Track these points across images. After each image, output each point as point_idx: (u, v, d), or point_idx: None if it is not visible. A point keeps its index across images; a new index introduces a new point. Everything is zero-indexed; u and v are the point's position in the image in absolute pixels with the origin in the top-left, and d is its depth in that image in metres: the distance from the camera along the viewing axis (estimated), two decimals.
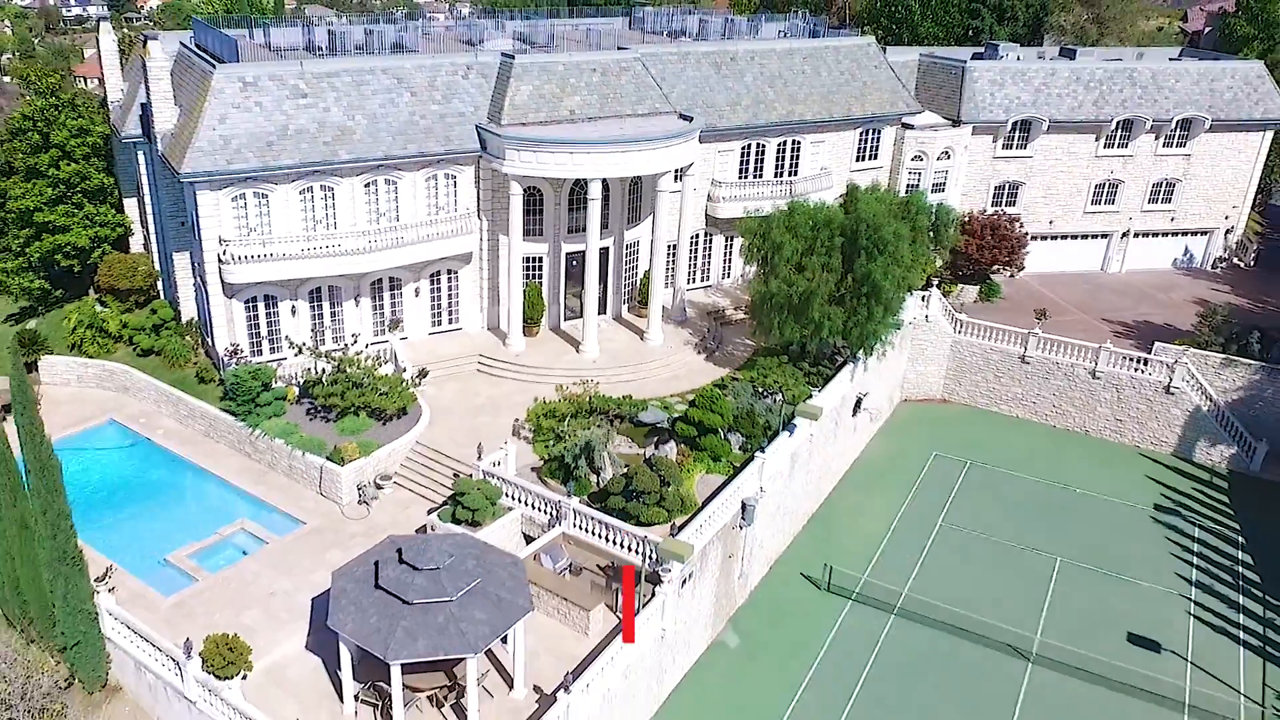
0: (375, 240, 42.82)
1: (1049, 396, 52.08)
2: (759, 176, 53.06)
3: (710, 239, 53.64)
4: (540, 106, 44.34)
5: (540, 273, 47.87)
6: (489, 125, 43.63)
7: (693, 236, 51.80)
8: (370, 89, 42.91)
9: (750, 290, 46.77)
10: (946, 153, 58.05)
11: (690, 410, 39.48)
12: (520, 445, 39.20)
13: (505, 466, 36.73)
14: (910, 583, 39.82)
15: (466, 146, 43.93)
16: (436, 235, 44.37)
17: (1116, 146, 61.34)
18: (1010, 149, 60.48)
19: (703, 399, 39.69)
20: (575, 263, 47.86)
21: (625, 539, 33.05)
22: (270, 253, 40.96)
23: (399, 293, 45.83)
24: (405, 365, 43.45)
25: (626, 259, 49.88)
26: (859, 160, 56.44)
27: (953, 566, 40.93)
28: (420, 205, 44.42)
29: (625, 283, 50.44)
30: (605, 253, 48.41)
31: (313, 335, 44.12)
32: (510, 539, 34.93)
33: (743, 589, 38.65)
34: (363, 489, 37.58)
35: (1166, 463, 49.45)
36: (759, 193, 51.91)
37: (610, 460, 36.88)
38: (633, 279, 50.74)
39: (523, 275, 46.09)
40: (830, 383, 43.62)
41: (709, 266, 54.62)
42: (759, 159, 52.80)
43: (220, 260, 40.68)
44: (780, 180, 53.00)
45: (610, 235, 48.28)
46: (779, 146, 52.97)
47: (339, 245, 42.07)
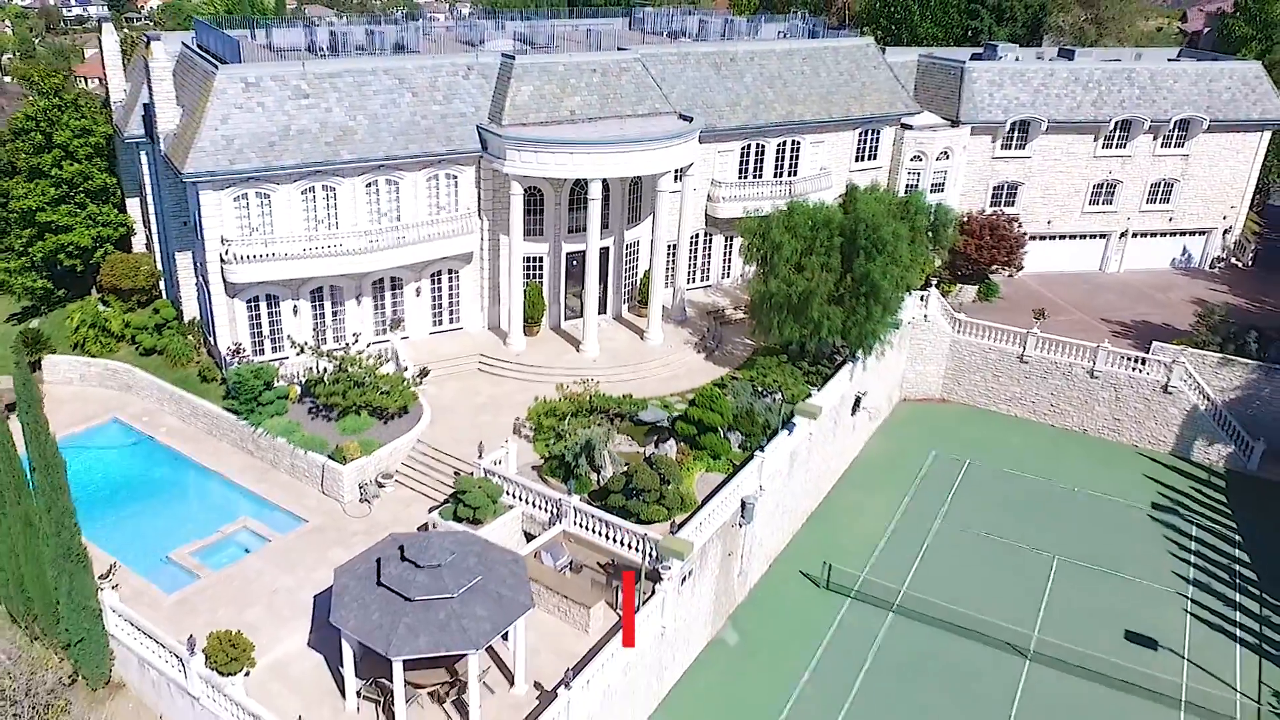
0: (377, 240, 43.04)
1: (1047, 396, 52.27)
2: (758, 176, 53.25)
3: (710, 239, 53.85)
4: (541, 107, 44.54)
5: (541, 272, 48.08)
6: (490, 125, 43.83)
7: (692, 236, 52.00)
8: (372, 89, 43.13)
9: (750, 290, 46.97)
10: (945, 153, 58.24)
11: (690, 409, 39.70)
12: (521, 444, 39.41)
13: (506, 465, 36.94)
14: (909, 581, 40.02)
15: (467, 147, 44.14)
16: (437, 235, 44.58)
17: (1115, 147, 61.55)
18: (1009, 149, 60.67)
19: (702, 398, 39.92)
20: (575, 262, 48.06)
21: (625, 537, 33.27)
22: (272, 252, 41.18)
23: (400, 292, 46.04)
24: (406, 364, 43.66)
25: (626, 259, 50.09)
26: (858, 160, 56.63)
27: (951, 565, 41.13)
28: (421, 205, 44.63)
29: (625, 282, 50.64)
30: (605, 252, 48.62)
31: (314, 334, 44.31)
32: (511, 537, 35.13)
33: (742, 587, 38.84)
34: (364, 487, 37.78)
35: (1164, 462, 49.65)
36: (758, 193, 52.09)
37: (610, 459, 37.07)
38: (633, 279, 50.94)
39: (523, 275, 46.29)
40: (829, 382, 43.81)
41: (709, 266, 54.83)
42: (758, 159, 53.00)
43: (222, 260, 40.89)
44: (780, 180, 53.19)
45: (610, 235, 48.49)
46: (778, 147, 53.17)
47: (341, 245, 42.30)
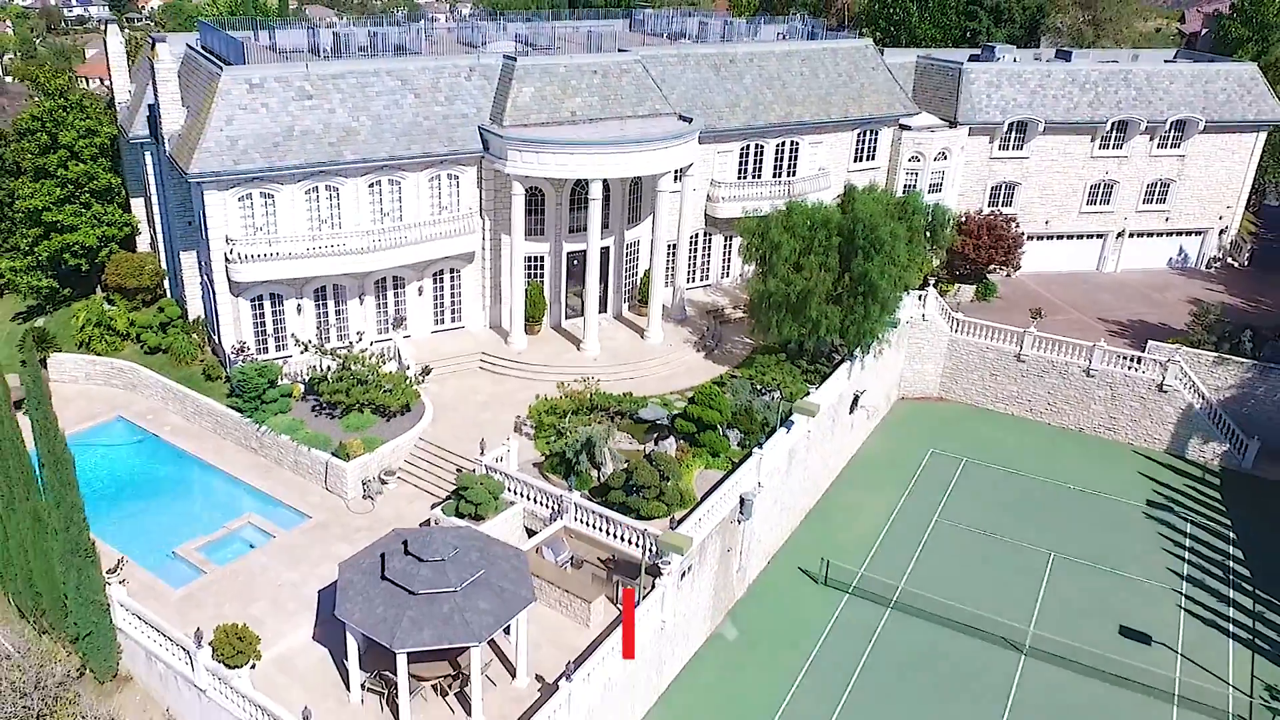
0: (379, 240, 43.44)
1: (1044, 394, 52.66)
2: (758, 177, 53.65)
3: (709, 239, 54.25)
4: (542, 108, 44.94)
5: (542, 272, 48.49)
6: (491, 126, 44.23)
7: (692, 236, 52.39)
8: (374, 90, 43.54)
9: (749, 289, 47.35)
10: (943, 153, 58.64)
11: (689, 407, 40.12)
12: (522, 441, 39.82)
13: (507, 462, 37.32)
14: (906, 577, 40.39)
15: (469, 147, 44.56)
16: (439, 235, 44.99)
17: (1112, 147, 61.95)
18: (1006, 150, 61.07)
19: (702, 396, 40.35)
20: (576, 262, 48.46)
21: (625, 532, 33.67)
22: (276, 252, 41.59)
23: (403, 291, 46.45)
24: (409, 363, 44.06)
25: (627, 258, 50.48)
26: (857, 161, 57.03)
27: (948, 561, 41.51)
28: (423, 205, 45.04)
29: (626, 282, 51.04)
30: (606, 252, 49.03)
31: (318, 333, 44.71)
32: (513, 533, 35.51)
33: (741, 582, 39.23)
34: (367, 484, 38.18)
35: (1160, 460, 50.03)
36: (758, 193, 52.49)
37: (611, 456, 37.45)
38: (633, 278, 51.34)
39: (524, 274, 46.69)
40: (827, 380, 44.17)
41: (708, 266, 55.23)
42: (758, 160, 53.40)
43: (227, 259, 41.30)
44: (779, 180, 53.58)
45: (611, 235, 48.89)
46: (777, 147, 53.57)
47: (344, 244, 42.72)
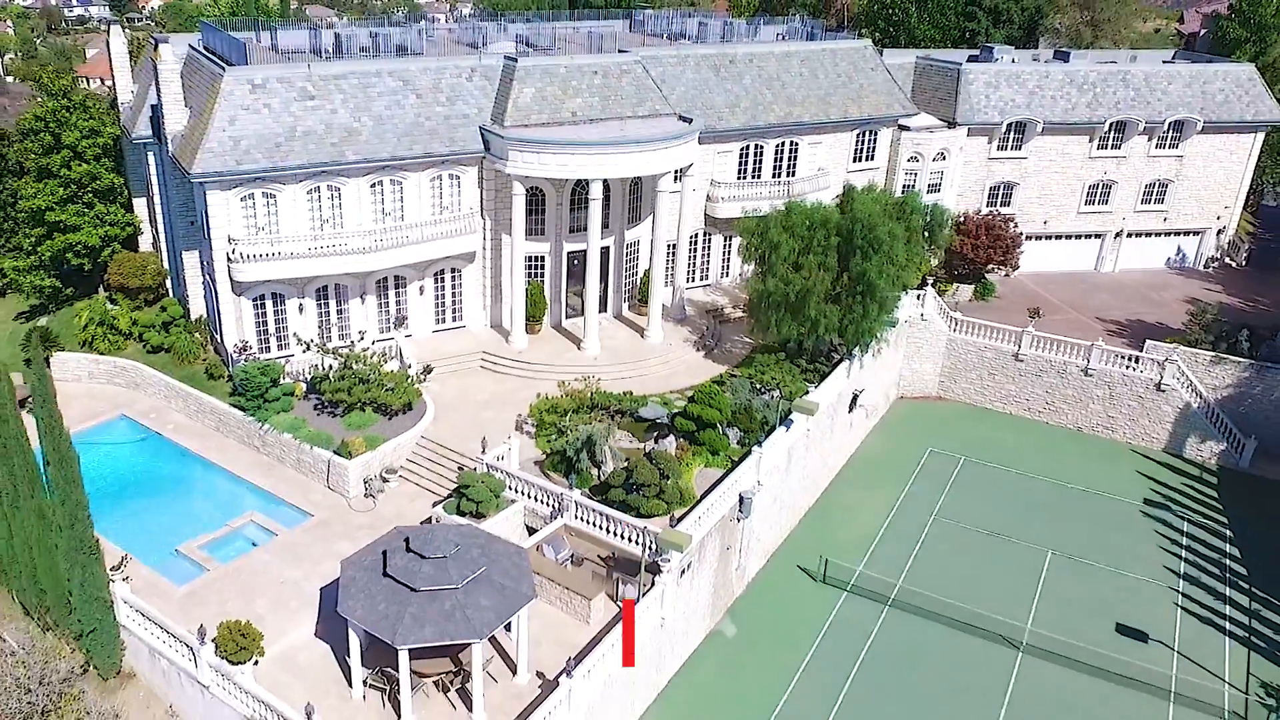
0: (381, 239, 43.68)
1: (1042, 394, 52.89)
2: (757, 177, 53.88)
3: (709, 238, 54.48)
4: (543, 108, 45.17)
5: (542, 271, 48.72)
6: (492, 127, 44.47)
7: (692, 236, 52.61)
8: (376, 91, 43.77)
9: (748, 289, 47.56)
10: (942, 154, 58.88)
11: (689, 406, 40.35)
12: (523, 440, 40.05)
13: (508, 460, 37.56)
14: (904, 575, 40.62)
15: (470, 147, 44.79)
16: (441, 234, 45.22)
17: (1110, 148, 62.19)
18: (1005, 150, 61.31)
19: (701, 395, 40.60)
20: (577, 262, 48.70)
21: (626, 530, 33.93)
22: (278, 251, 41.83)
23: (404, 291, 46.68)
24: (410, 362, 44.30)
25: (627, 258, 50.72)
26: (856, 161, 57.26)
27: (946, 559, 41.74)
28: (425, 205, 45.27)
29: (626, 281, 51.28)
30: (606, 252, 49.25)
31: (320, 332, 44.94)
32: (513, 531, 35.75)
33: (740, 580, 39.48)
34: (369, 482, 38.42)
35: (1157, 459, 50.26)
36: (757, 193, 52.72)
37: (611, 454, 37.67)
38: (633, 278, 51.57)
39: (525, 274, 46.93)
40: (827, 380, 44.42)
41: (708, 265, 55.46)
42: (757, 160, 53.63)
43: (229, 259, 41.53)
44: (778, 181, 53.81)
45: (611, 235, 49.12)
46: (777, 147, 53.80)
47: (345, 244, 42.95)
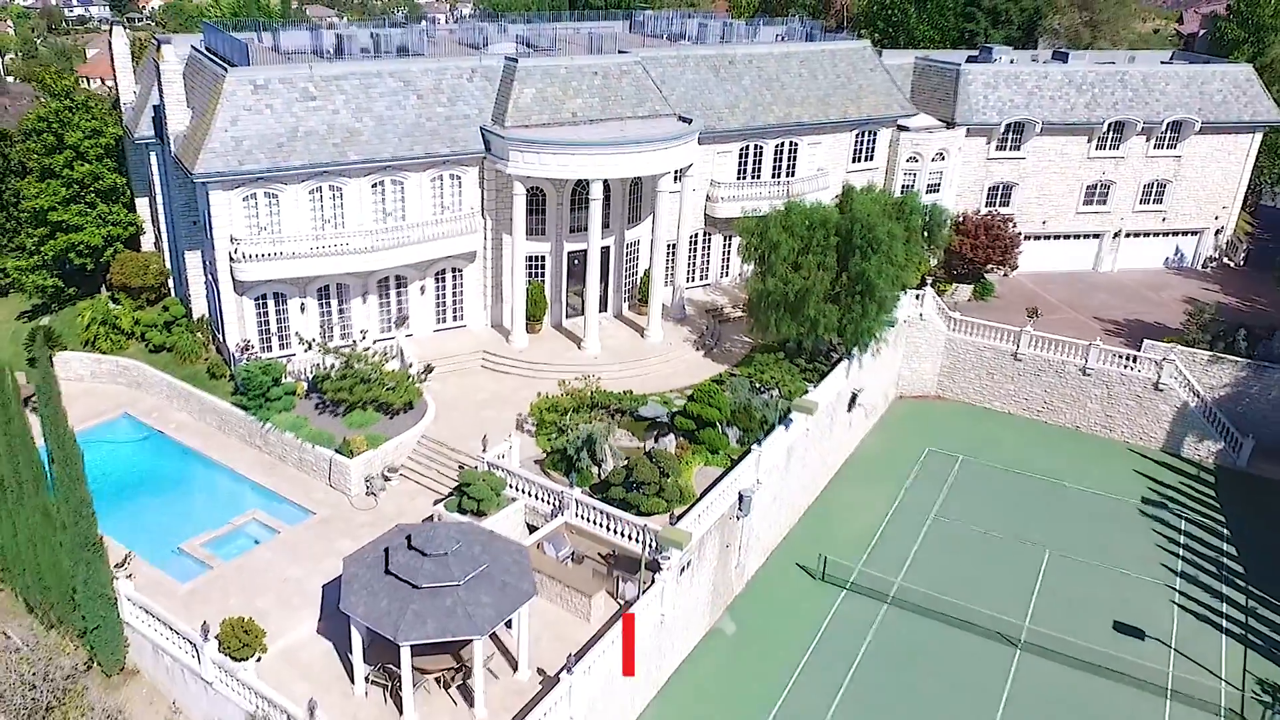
0: (382, 239, 43.88)
1: (1040, 393, 53.10)
2: (757, 177, 54.09)
3: (709, 238, 54.68)
4: (543, 109, 45.38)
5: (543, 271, 48.91)
6: (493, 127, 44.68)
7: (692, 236, 52.81)
8: (377, 91, 43.98)
9: (748, 288, 47.75)
10: (941, 154, 59.08)
11: (689, 405, 40.54)
12: (524, 438, 40.26)
13: (509, 458, 37.76)
14: (903, 573, 40.83)
15: (471, 148, 44.99)
16: (442, 234, 45.43)
17: (1108, 148, 62.40)
18: (1004, 150, 61.52)
19: (701, 394, 40.80)
20: (577, 261, 48.91)
21: (626, 528, 34.14)
22: (280, 251, 42.03)
23: (405, 290, 46.89)
24: (411, 361, 44.50)
25: (627, 258, 50.92)
26: (855, 161, 57.46)
27: (945, 558, 41.95)
28: (426, 205, 45.48)
29: (626, 281, 51.49)
30: (606, 252, 49.45)
31: (321, 332, 45.14)
32: (514, 529, 35.96)
33: (740, 578, 39.68)
34: (371, 480, 38.63)
35: (1155, 458, 50.48)
36: (757, 193, 52.92)
37: (611, 453, 37.87)
38: (633, 277, 51.78)
39: (526, 273, 47.14)
40: (826, 379, 44.61)
41: (708, 265, 55.66)
42: (757, 160, 53.83)
43: (231, 258, 41.73)
44: (777, 181, 54.01)
45: (611, 235, 49.32)
46: (776, 148, 54.00)
47: (347, 244, 43.16)
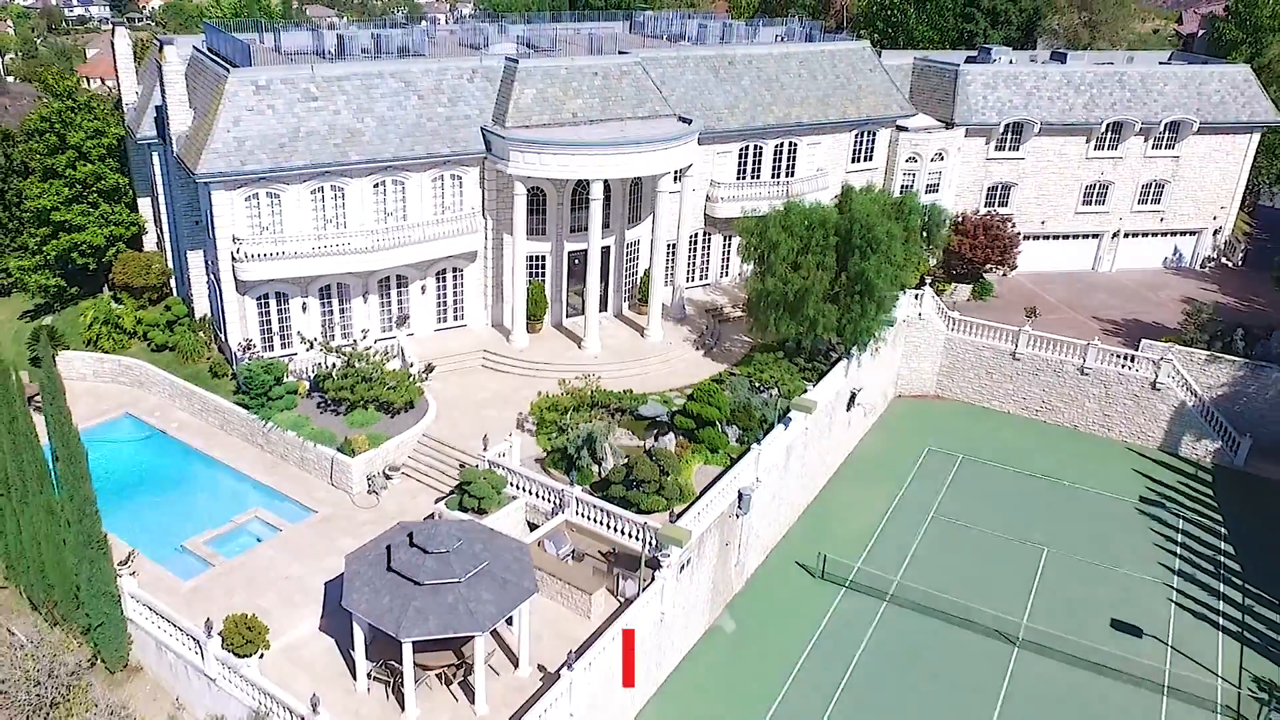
0: (383, 239, 44.08)
1: (1039, 392, 53.28)
2: (756, 177, 54.28)
3: (709, 238, 54.88)
4: (543, 109, 45.58)
5: (543, 271, 49.10)
6: (494, 127, 44.88)
7: (692, 236, 53.01)
8: (379, 92, 44.18)
9: (747, 288, 47.94)
10: (940, 154, 59.28)
11: (689, 404, 40.74)
12: (524, 437, 40.45)
13: (510, 457, 37.95)
14: (902, 571, 41.02)
15: (472, 148, 45.19)
16: (442, 234, 45.63)
17: (1106, 148, 62.61)
18: (1002, 150, 61.73)
19: (701, 393, 41.00)
20: (577, 261, 49.10)
21: (626, 526, 34.32)
22: (282, 251, 42.23)
23: (406, 290, 47.09)
24: (412, 360, 44.67)
25: (627, 258, 51.12)
26: (854, 161, 57.65)
27: (944, 556, 42.13)
28: (427, 205, 45.68)
29: (626, 281, 51.69)
30: (606, 251, 49.65)
31: (323, 331, 45.34)
32: (515, 527, 36.16)
33: (739, 576, 39.87)
34: (372, 479, 38.83)
35: (1153, 457, 50.67)
36: (756, 193, 53.13)
37: (611, 451, 38.06)
38: (633, 277, 51.98)
39: (526, 273, 47.35)
40: (825, 378, 44.78)
41: (707, 265, 55.86)
42: (756, 160, 54.03)
43: (234, 258, 41.92)
44: (777, 181, 54.22)
45: (611, 234, 49.52)
46: (776, 148, 54.20)
47: (348, 244, 43.37)
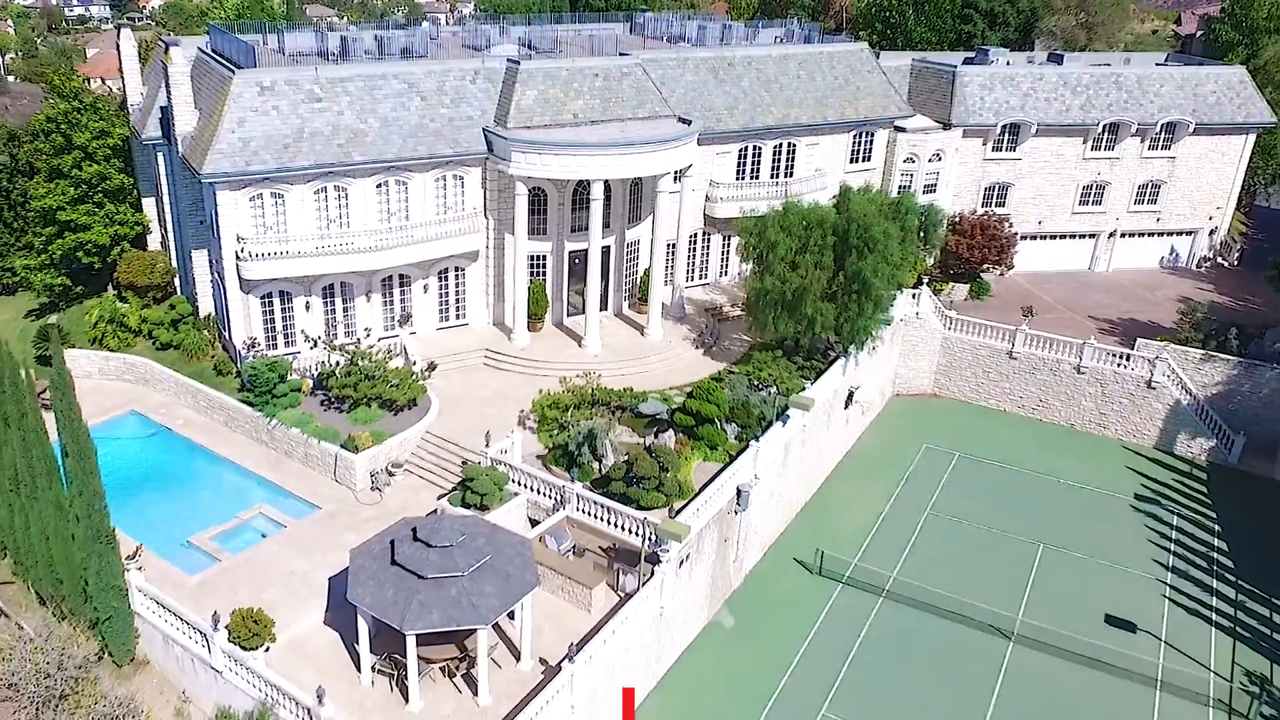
0: (386, 239, 44.54)
1: (1035, 391, 53.74)
2: (755, 178, 54.73)
3: (708, 238, 55.33)
4: (545, 110, 46.02)
5: (544, 270, 49.55)
6: (496, 128, 45.32)
7: (691, 236, 53.46)
8: (382, 93, 44.63)
9: (746, 287, 48.38)
10: (938, 155, 59.71)
11: (688, 401, 41.21)
12: (526, 435, 40.91)
13: (512, 454, 38.36)
14: (899, 567, 41.47)
15: (474, 149, 45.64)
16: (445, 234, 46.09)
17: (1103, 149, 63.08)
18: (1000, 151, 62.20)
19: (700, 391, 41.47)
20: (578, 261, 49.54)
21: (626, 521, 34.74)
22: (286, 250, 42.69)
23: (409, 289, 47.54)
24: (415, 359, 45.12)
25: (627, 257, 51.57)
26: (853, 162, 58.09)
27: (940, 552, 42.59)
28: (429, 205, 46.13)
29: (626, 280, 52.14)
30: (607, 251, 50.09)
31: (326, 329, 45.80)
32: (517, 523, 36.56)
33: (738, 572, 40.31)
34: (375, 475, 39.28)
35: (1148, 455, 51.12)
36: (755, 193, 53.58)
37: (612, 448, 38.53)
38: (633, 276, 52.43)
39: (527, 273, 47.79)
40: (823, 376, 45.22)
41: (707, 265, 56.32)
42: (755, 161, 54.47)
43: (238, 257, 42.37)
44: (776, 181, 54.66)
45: (612, 234, 49.97)
46: (775, 149, 54.64)
47: (352, 243, 43.83)
